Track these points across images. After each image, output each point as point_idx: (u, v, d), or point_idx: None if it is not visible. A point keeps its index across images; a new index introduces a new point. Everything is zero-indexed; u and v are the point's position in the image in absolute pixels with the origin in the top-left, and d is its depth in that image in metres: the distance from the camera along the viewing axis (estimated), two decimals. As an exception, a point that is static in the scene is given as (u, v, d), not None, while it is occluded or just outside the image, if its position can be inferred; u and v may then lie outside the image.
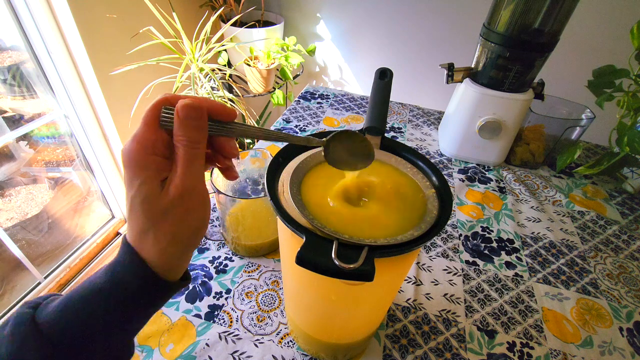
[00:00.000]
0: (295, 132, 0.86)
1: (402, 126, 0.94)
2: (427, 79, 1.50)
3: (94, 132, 1.34)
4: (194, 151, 0.24)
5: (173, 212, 0.24)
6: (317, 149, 0.36)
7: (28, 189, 1.37)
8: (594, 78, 0.73)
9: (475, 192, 0.74)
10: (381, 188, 0.33)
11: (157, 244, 0.24)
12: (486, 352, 0.47)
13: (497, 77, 0.70)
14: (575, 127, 0.74)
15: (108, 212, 1.63)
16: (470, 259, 0.59)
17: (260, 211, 0.53)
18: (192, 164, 0.24)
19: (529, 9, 0.61)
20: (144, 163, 0.24)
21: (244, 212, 0.52)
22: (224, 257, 0.56)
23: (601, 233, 0.67)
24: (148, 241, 0.24)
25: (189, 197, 0.24)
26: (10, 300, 1.28)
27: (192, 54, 1.15)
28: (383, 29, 1.46)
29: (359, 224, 0.29)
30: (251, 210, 0.53)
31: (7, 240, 1.23)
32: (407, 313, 0.50)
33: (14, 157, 1.31)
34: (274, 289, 0.52)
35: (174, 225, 0.24)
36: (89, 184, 1.53)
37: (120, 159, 0.31)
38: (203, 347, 0.44)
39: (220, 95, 1.27)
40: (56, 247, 1.44)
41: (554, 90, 0.83)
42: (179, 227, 0.25)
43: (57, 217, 1.45)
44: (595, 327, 0.51)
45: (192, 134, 0.24)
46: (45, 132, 1.33)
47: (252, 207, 0.53)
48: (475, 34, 0.72)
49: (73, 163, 1.44)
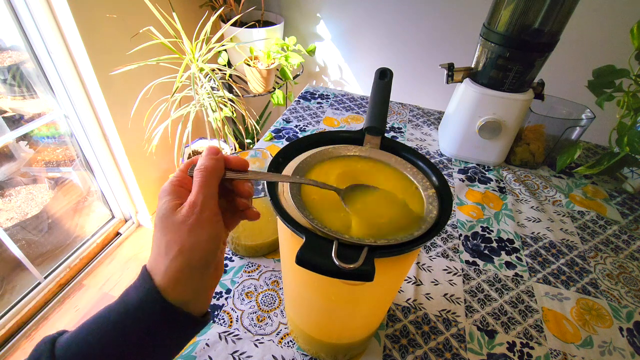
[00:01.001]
0: (295, 132, 0.86)
1: (402, 126, 0.94)
2: (427, 79, 1.50)
3: (94, 132, 1.34)
4: (209, 176, 0.28)
5: (185, 224, 0.26)
6: (317, 149, 0.36)
7: (28, 189, 1.37)
8: (594, 78, 0.73)
9: (475, 192, 0.74)
10: (381, 188, 0.33)
11: (166, 258, 0.25)
12: (486, 352, 0.47)
13: (497, 77, 0.70)
14: (575, 127, 0.74)
15: (108, 212, 1.63)
16: (470, 259, 0.59)
17: (261, 211, 0.53)
18: (206, 186, 0.27)
19: (529, 9, 0.61)
20: (171, 190, 0.28)
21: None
22: (224, 257, 0.56)
23: (601, 233, 0.67)
24: (160, 258, 0.26)
25: (200, 210, 0.26)
26: (10, 300, 1.28)
27: (192, 54, 1.14)
28: (383, 29, 1.46)
29: (358, 224, 0.29)
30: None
31: (7, 240, 1.23)
32: (407, 313, 0.50)
33: (14, 157, 1.31)
34: (274, 289, 0.52)
35: (184, 236, 0.25)
36: (89, 184, 1.53)
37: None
38: (203, 347, 0.44)
39: (220, 95, 1.27)
40: (56, 247, 1.44)
41: (554, 90, 0.83)
42: (189, 240, 0.25)
43: (57, 217, 1.45)
44: (595, 327, 0.51)
45: (209, 162, 0.28)
46: (45, 132, 1.33)
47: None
48: (475, 34, 0.72)
49: (73, 163, 1.44)
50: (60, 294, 1.40)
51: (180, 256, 0.25)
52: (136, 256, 1.58)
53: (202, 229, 0.26)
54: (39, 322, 1.32)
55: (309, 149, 0.36)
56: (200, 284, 0.27)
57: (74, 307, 1.38)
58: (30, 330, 1.29)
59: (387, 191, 0.32)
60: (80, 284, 1.45)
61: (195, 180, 0.27)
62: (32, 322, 1.30)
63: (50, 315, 1.34)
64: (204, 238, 0.26)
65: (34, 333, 1.28)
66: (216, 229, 0.27)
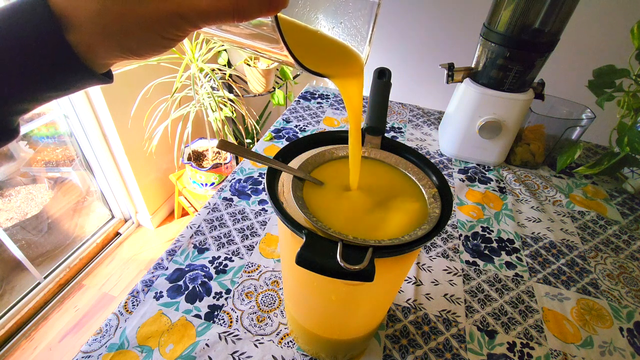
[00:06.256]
0: (295, 132, 0.86)
1: (402, 126, 0.94)
2: (427, 79, 1.50)
3: (93, 131, 1.34)
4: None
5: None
6: (317, 149, 0.36)
7: (28, 189, 1.37)
8: (594, 78, 0.73)
9: (475, 192, 0.73)
10: (381, 188, 0.33)
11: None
12: (486, 352, 0.47)
13: (497, 77, 0.70)
14: (576, 127, 0.74)
15: (108, 212, 1.63)
16: (470, 259, 0.59)
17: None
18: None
19: (529, 9, 0.61)
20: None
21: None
22: (224, 257, 0.56)
23: (601, 233, 0.66)
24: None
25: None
26: (10, 300, 1.28)
27: (192, 54, 1.14)
28: (383, 28, 1.46)
29: (360, 224, 0.29)
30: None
31: (7, 241, 1.23)
32: (407, 313, 0.50)
33: (13, 157, 1.31)
34: (274, 289, 0.52)
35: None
36: (89, 184, 1.53)
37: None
38: (203, 348, 0.44)
39: (220, 95, 1.27)
40: (56, 247, 1.44)
41: (554, 90, 0.82)
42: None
43: (56, 217, 1.45)
44: (595, 328, 0.51)
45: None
46: (44, 132, 1.33)
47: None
48: (475, 34, 0.72)
49: (73, 163, 1.44)
50: (60, 294, 1.40)
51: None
52: (136, 256, 1.58)
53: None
54: (38, 322, 1.31)
55: (309, 149, 0.36)
56: (111, 28, 0.18)
57: (73, 307, 1.38)
58: (30, 330, 1.29)
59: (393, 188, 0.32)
60: (79, 284, 1.45)
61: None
62: (31, 322, 1.30)
63: (50, 315, 1.34)
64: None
65: (33, 333, 1.28)
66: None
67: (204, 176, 1.45)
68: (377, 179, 0.34)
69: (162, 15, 0.18)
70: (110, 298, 1.42)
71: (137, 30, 0.19)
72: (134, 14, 0.18)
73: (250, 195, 0.67)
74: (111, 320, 0.46)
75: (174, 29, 0.19)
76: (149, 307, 0.48)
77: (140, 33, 0.19)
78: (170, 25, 0.18)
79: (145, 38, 0.19)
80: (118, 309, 0.47)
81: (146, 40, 0.19)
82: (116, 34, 0.19)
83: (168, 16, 0.18)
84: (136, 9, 0.18)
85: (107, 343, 0.44)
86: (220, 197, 0.66)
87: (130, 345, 0.44)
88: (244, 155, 0.28)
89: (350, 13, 0.26)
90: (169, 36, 0.19)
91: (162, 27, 0.19)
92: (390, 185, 0.33)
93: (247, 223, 0.61)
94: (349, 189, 0.33)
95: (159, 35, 0.19)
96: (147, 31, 0.19)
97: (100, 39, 0.19)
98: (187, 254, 0.55)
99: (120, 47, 0.19)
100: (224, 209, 0.64)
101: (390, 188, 0.33)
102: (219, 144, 0.27)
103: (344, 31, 0.27)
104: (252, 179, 0.71)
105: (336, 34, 0.27)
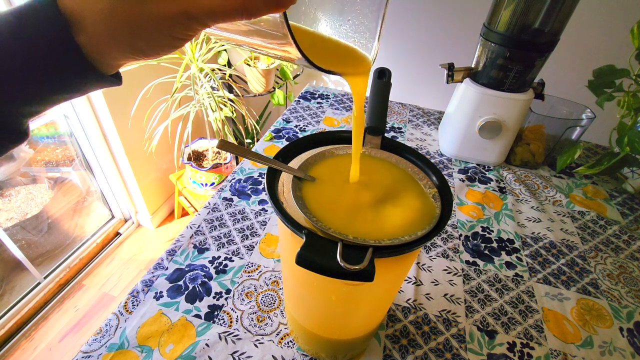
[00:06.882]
0: (295, 132, 0.86)
1: (402, 126, 0.94)
2: (427, 79, 1.50)
3: (93, 131, 1.34)
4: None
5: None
6: (317, 149, 0.36)
7: (28, 189, 1.37)
8: (594, 78, 0.73)
9: (475, 192, 0.73)
10: (381, 188, 0.33)
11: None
12: (486, 352, 0.47)
13: (497, 77, 0.70)
14: (576, 127, 0.74)
15: (108, 212, 1.63)
16: (470, 259, 0.59)
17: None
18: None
19: (529, 9, 0.61)
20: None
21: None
22: (224, 257, 0.56)
23: (601, 233, 0.67)
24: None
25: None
26: (10, 300, 1.28)
27: (192, 54, 1.14)
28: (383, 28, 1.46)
29: (360, 221, 0.29)
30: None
31: (7, 241, 1.23)
32: (407, 313, 0.50)
33: (13, 157, 1.31)
34: (274, 289, 0.52)
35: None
36: (89, 184, 1.53)
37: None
38: (203, 348, 0.44)
39: (220, 95, 1.27)
40: (56, 247, 1.44)
41: (554, 90, 0.82)
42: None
43: (56, 217, 1.45)
44: (595, 328, 0.51)
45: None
46: (44, 132, 1.33)
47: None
48: (475, 34, 0.72)
49: (73, 163, 1.44)
50: (60, 294, 1.40)
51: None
52: (136, 256, 1.58)
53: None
54: (38, 322, 1.31)
55: (309, 149, 0.36)
56: (119, 30, 0.18)
57: (73, 307, 1.38)
58: (30, 330, 1.29)
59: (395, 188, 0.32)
60: (79, 284, 1.45)
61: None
62: (31, 322, 1.30)
63: (50, 316, 1.34)
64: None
65: (33, 333, 1.28)
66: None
67: (204, 176, 1.45)
68: (378, 176, 0.34)
69: (171, 15, 0.18)
70: (110, 298, 1.42)
71: (146, 31, 0.19)
72: (143, 15, 0.18)
73: (250, 195, 0.67)
74: (111, 320, 0.46)
75: (183, 28, 0.19)
76: (149, 307, 0.48)
77: (150, 33, 0.19)
78: (180, 25, 0.19)
79: (155, 38, 0.19)
80: (118, 309, 0.47)
81: (156, 41, 0.20)
82: (125, 35, 0.19)
83: (177, 16, 0.18)
84: (145, 9, 0.18)
85: (107, 343, 0.44)
86: (220, 197, 0.66)
87: (130, 345, 0.44)
88: (244, 155, 0.28)
89: (357, 10, 0.27)
90: (179, 36, 0.19)
91: (171, 27, 0.19)
92: (390, 186, 0.33)
93: (247, 223, 0.61)
94: (349, 182, 0.32)
95: (169, 35, 0.19)
96: (156, 31, 0.19)
97: (109, 40, 0.19)
98: (187, 254, 0.55)
99: (130, 47, 0.20)
100: (224, 209, 0.64)
101: (390, 188, 0.33)
102: (219, 144, 0.27)
103: (352, 28, 0.27)
104: (252, 179, 0.71)
105: (344, 32, 0.28)
